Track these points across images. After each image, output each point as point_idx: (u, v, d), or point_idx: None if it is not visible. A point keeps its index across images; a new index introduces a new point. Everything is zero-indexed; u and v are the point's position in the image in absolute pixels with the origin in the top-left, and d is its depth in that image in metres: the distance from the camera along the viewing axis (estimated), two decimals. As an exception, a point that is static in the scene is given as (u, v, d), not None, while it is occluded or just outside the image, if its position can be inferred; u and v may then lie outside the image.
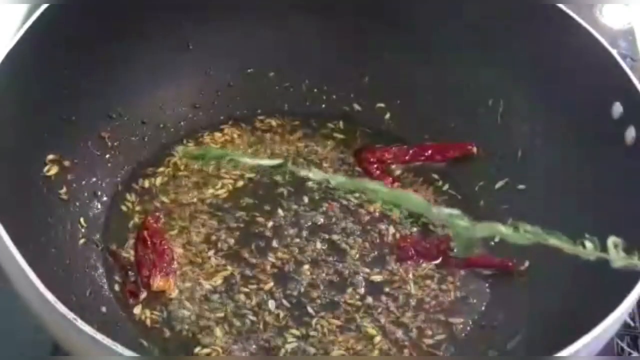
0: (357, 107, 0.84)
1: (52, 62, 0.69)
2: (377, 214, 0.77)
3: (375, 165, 0.80)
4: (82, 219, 0.72)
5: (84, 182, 0.74)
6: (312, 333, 0.68)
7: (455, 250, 0.73)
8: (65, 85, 0.71)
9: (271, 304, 0.70)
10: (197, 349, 0.67)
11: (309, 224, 0.75)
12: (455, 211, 0.54)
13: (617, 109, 0.68)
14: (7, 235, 0.55)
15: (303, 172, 0.62)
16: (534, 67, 0.76)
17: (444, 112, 0.82)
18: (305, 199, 0.77)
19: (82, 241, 0.71)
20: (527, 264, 0.72)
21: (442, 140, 0.81)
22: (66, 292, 0.63)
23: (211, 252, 0.73)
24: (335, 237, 0.74)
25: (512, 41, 0.76)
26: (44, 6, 0.67)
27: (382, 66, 0.83)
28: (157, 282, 0.70)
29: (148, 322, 0.68)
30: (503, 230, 0.51)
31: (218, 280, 0.71)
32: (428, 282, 0.73)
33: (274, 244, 0.74)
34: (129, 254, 0.72)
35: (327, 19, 0.82)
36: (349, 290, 0.71)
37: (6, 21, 0.82)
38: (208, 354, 0.66)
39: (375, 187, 0.57)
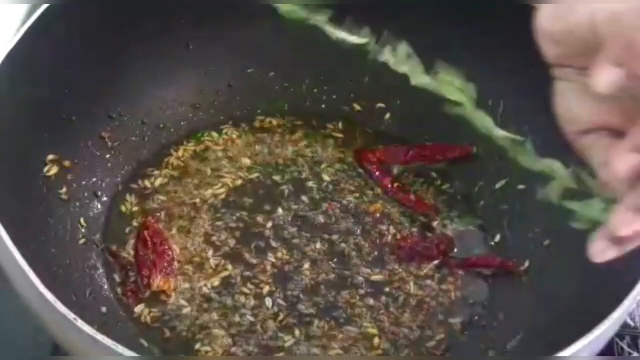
0: (357, 107, 0.84)
1: (52, 62, 0.69)
2: (377, 214, 0.77)
3: (375, 165, 0.80)
4: (82, 219, 0.72)
5: (84, 182, 0.74)
6: (311, 333, 0.68)
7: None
8: (65, 85, 0.71)
9: (271, 304, 0.70)
10: (196, 349, 0.67)
11: (309, 224, 0.75)
12: (519, 137, 0.53)
13: (617, 108, 0.68)
14: (7, 235, 0.55)
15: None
16: (534, 67, 0.75)
17: (444, 112, 0.81)
18: (305, 199, 0.77)
19: (82, 241, 0.71)
20: (527, 264, 0.72)
21: (442, 141, 0.81)
22: (66, 292, 0.63)
23: (211, 252, 0.73)
24: (335, 237, 0.74)
25: (512, 41, 0.75)
26: (44, 6, 0.67)
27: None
28: (157, 282, 0.70)
29: (148, 322, 0.68)
30: (562, 172, 0.50)
31: (218, 280, 0.71)
32: (428, 282, 0.73)
33: (274, 244, 0.74)
34: (129, 254, 0.72)
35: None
36: (349, 290, 0.71)
37: (6, 21, 0.82)
38: (208, 354, 0.66)
39: (460, 93, 0.56)
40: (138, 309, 0.68)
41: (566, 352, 0.53)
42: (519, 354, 0.65)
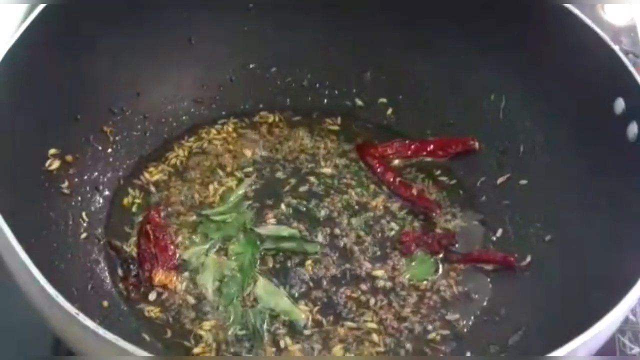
0: (359, 102, 0.84)
1: (54, 57, 0.69)
2: (379, 208, 0.77)
3: (377, 160, 0.80)
4: (84, 214, 0.72)
5: (85, 177, 0.74)
6: (313, 329, 0.68)
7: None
8: (67, 80, 0.71)
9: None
10: (197, 345, 0.67)
11: (311, 218, 0.75)
12: None
13: (620, 104, 0.68)
14: (9, 229, 0.55)
15: None
16: (536, 63, 0.75)
17: (445, 108, 0.82)
18: (307, 194, 0.77)
19: (83, 235, 0.71)
20: (529, 259, 0.72)
21: (444, 136, 0.81)
22: (68, 286, 0.63)
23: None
24: (337, 232, 0.74)
25: (515, 37, 0.76)
26: (43, 5, 0.67)
27: (384, 61, 0.83)
28: (159, 277, 0.70)
29: (150, 316, 0.68)
30: None
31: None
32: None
33: (276, 239, 0.74)
34: (130, 248, 0.72)
35: (329, 15, 0.81)
36: (351, 285, 0.71)
37: (6, 21, 0.82)
38: (208, 350, 0.66)
39: None
40: (139, 303, 0.68)
41: (567, 348, 0.53)
42: (521, 349, 0.65)
